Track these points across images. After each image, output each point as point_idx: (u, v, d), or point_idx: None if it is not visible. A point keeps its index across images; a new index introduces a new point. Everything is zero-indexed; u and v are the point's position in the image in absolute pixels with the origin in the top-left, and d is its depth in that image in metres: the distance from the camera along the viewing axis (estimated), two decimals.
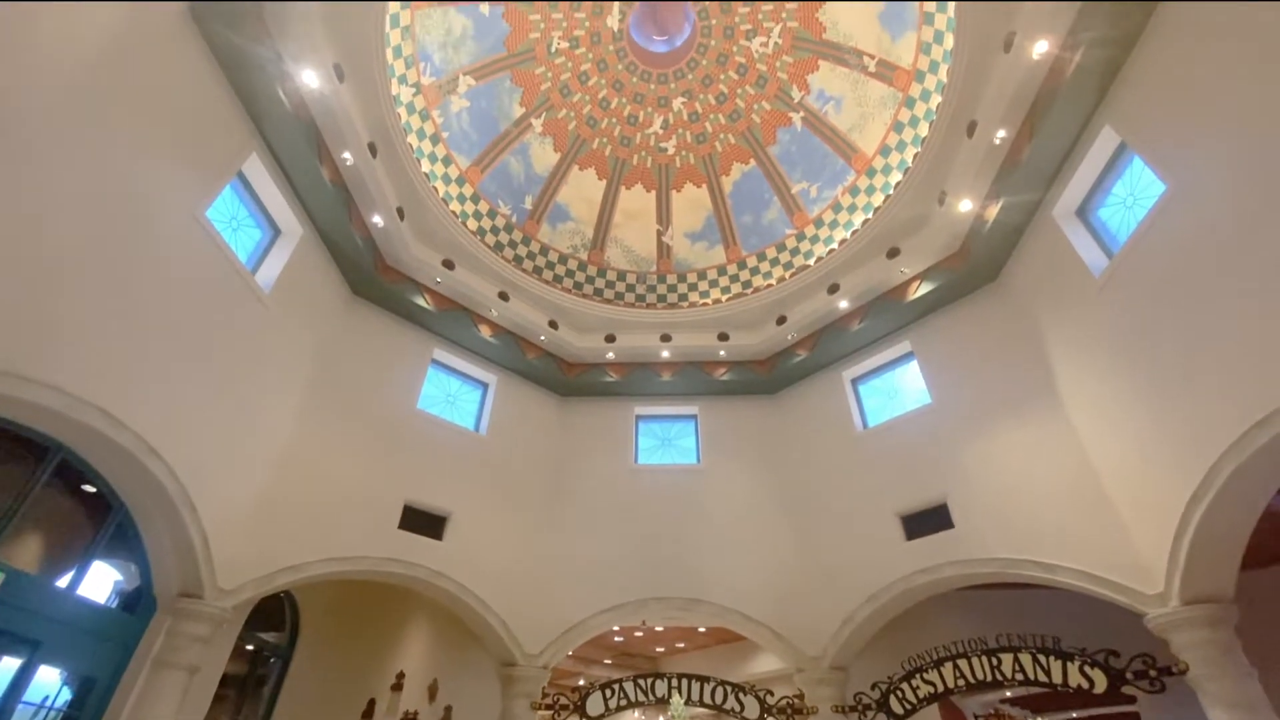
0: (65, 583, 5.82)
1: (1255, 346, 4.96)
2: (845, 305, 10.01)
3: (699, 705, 8.67)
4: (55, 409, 4.90)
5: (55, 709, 5.76)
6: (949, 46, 7.76)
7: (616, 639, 15.05)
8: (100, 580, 6.34)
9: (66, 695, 5.90)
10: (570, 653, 10.10)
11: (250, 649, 8.86)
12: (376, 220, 8.68)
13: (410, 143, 8.93)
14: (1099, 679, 6.47)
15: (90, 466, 5.81)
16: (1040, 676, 6.86)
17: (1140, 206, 6.53)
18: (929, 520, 8.39)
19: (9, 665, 5.32)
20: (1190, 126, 5.53)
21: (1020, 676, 7.00)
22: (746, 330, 11.22)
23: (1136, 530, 6.51)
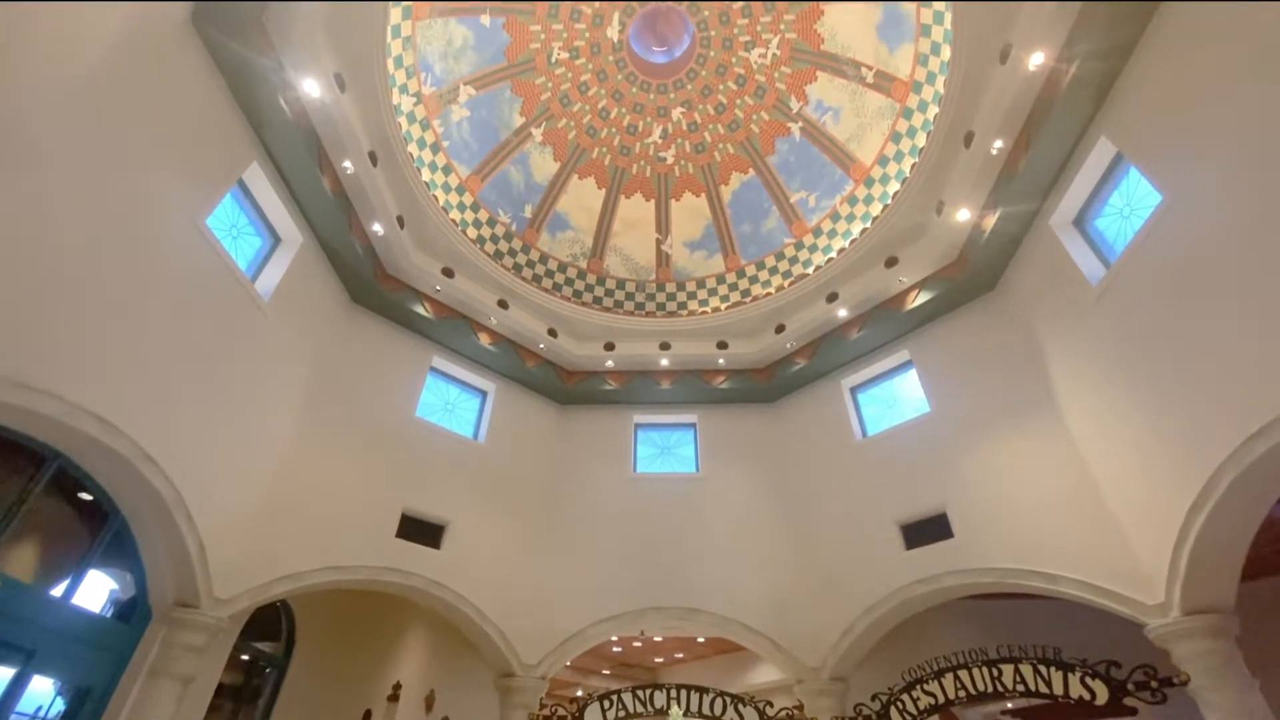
0: (60, 591, 5.78)
1: (1253, 356, 4.98)
2: (844, 314, 10.04)
3: (698, 716, 8.58)
4: (52, 416, 4.88)
5: (48, 719, 5.70)
6: (946, 58, 7.84)
7: (615, 649, 14.97)
8: (95, 589, 6.29)
9: (60, 705, 5.84)
10: (568, 663, 10.04)
11: (245, 659, 8.78)
12: (376, 228, 8.71)
13: (411, 151, 8.97)
14: (1100, 690, 6.42)
15: (87, 474, 5.77)
16: (1041, 688, 6.81)
17: (1137, 216, 6.57)
18: (928, 530, 8.38)
19: (2, 675, 5.27)
20: (1186, 137, 5.58)
21: (1021, 688, 6.95)
22: (745, 339, 11.23)
23: (1136, 540, 6.50)
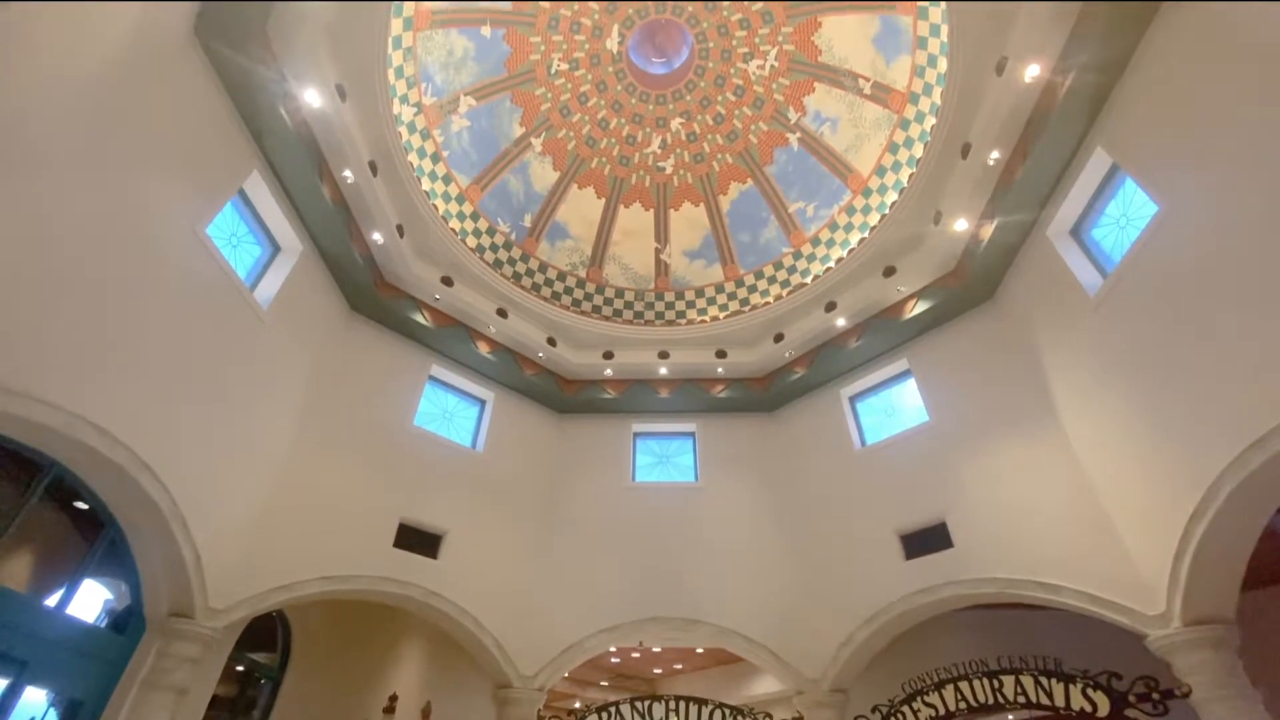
0: (54, 601, 5.73)
1: (1251, 365, 4.99)
2: (842, 323, 10.06)
3: None
4: (49, 424, 4.85)
5: None
6: (942, 70, 7.90)
7: (613, 660, 14.85)
8: (90, 599, 6.25)
9: (53, 717, 5.78)
10: (566, 674, 9.95)
11: (241, 670, 8.71)
12: (376, 237, 8.74)
13: (411, 161, 9.01)
14: (1102, 701, 6.38)
15: (83, 483, 5.74)
16: (1043, 699, 6.76)
17: (1134, 227, 6.60)
18: (928, 539, 8.36)
19: None
20: (1181, 148, 5.62)
21: (1023, 699, 6.90)
22: (744, 347, 11.24)
23: (1136, 550, 6.49)
